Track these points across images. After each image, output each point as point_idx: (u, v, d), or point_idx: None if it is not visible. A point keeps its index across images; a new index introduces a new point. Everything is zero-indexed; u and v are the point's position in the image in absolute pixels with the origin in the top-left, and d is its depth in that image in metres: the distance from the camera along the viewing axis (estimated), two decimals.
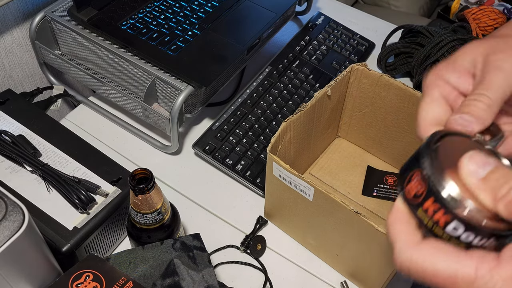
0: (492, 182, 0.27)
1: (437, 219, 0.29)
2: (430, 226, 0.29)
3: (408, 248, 0.30)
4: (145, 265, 0.54)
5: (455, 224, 0.28)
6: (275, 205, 0.70)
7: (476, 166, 0.28)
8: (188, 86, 0.70)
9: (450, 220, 0.28)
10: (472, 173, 0.28)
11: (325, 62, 0.92)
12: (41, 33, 0.79)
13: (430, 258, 0.29)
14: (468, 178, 0.28)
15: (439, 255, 0.28)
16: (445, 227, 0.29)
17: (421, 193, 0.29)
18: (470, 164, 0.28)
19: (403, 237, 0.30)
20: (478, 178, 0.28)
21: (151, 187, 0.53)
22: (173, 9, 0.81)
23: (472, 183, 0.28)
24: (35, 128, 0.69)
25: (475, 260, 0.28)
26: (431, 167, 0.29)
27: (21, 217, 0.46)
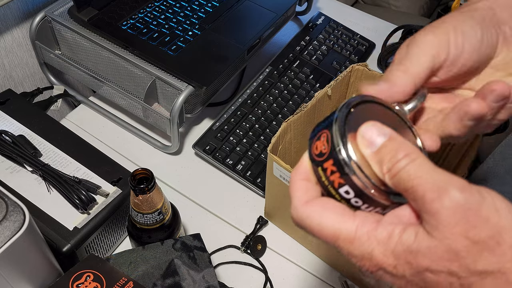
0: (382, 154, 0.29)
1: (332, 180, 0.30)
2: (326, 185, 0.31)
3: (300, 205, 0.31)
4: (146, 265, 0.54)
5: (347, 188, 0.30)
6: (275, 205, 0.70)
7: (370, 138, 0.29)
8: (188, 86, 0.70)
9: (343, 183, 0.30)
10: (366, 144, 0.29)
11: (325, 62, 0.92)
12: (41, 33, 0.79)
13: (316, 215, 0.30)
14: (362, 148, 0.29)
15: (325, 213, 0.30)
16: (338, 188, 0.30)
17: (324, 152, 0.30)
18: (365, 135, 0.29)
19: (299, 194, 0.31)
20: (372, 150, 0.29)
21: (151, 187, 0.53)
22: (173, 9, 0.81)
23: (365, 153, 0.29)
24: (35, 128, 0.69)
25: (357, 221, 0.29)
26: (338, 129, 0.30)
27: (21, 217, 0.46)
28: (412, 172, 0.27)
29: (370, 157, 0.29)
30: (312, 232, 0.30)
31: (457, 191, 0.26)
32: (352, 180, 0.29)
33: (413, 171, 0.27)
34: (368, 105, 0.33)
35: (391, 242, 0.28)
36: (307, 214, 0.30)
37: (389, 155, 0.28)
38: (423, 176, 0.27)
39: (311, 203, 0.31)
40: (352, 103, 0.32)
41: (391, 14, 1.54)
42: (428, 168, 0.28)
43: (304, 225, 0.31)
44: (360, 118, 0.31)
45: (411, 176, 0.27)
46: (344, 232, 0.29)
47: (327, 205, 0.30)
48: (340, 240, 0.29)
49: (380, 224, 0.29)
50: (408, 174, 0.27)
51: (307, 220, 0.30)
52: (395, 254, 0.28)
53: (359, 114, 0.31)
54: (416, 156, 0.28)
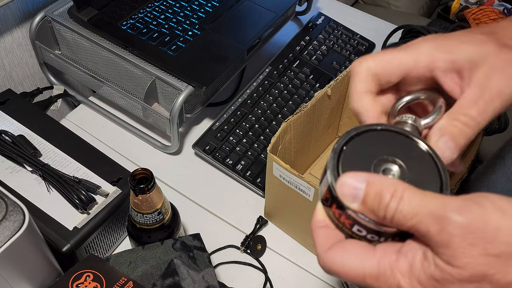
0: (369, 205, 0.28)
1: (343, 222, 0.30)
2: (341, 227, 0.31)
3: (323, 252, 0.31)
4: (146, 265, 0.54)
5: (358, 227, 0.30)
6: (275, 205, 0.70)
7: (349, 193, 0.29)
8: (188, 86, 0.70)
9: (352, 223, 0.30)
10: (350, 200, 0.29)
11: (325, 62, 0.92)
12: (41, 33, 0.79)
13: (339, 260, 0.30)
14: (349, 205, 0.29)
15: (346, 255, 0.30)
16: (351, 228, 0.30)
17: (328, 197, 0.31)
18: (343, 192, 0.29)
19: (320, 242, 0.31)
20: (358, 203, 0.29)
21: (151, 187, 0.53)
22: (173, 9, 0.81)
23: (354, 208, 0.29)
24: (35, 128, 0.69)
25: (378, 255, 0.29)
26: (332, 173, 0.30)
27: (21, 217, 0.46)
28: (405, 212, 0.27)
29: (360, 210, 0.29)
30: (340, 276, 0.30)
31: (456, 214, 0.26)
32: (357, 220, 0.29)
33: (406, 211, 0.27)
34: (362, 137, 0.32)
35: (415, 272, 0.27)
36: (331, 260, 0.30)
37: (376, 202, 0.28)
38: (419, 212, 0.27)
39: (333, 248, 0.30)
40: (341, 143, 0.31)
41: (391, 14, 1.54)
42: (419, 200, 0.27)
43: (331, 271, 0.30)
44: (354, 154, 0.31)
45: (407, 217, 0.27)
46: (368, 270, 0.29)
47: (347, 247, 0.30)
48: (367, 278, 0.29)
49: (401, 255, 0.28)
50: (403, 216, 0.27)
51: (332, 266, 0.30)
52: (422, 284, 0.27)
53: (354, 150, 0.31)
54: (402, 192, 0.27)
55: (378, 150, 0.31)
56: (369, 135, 0.32)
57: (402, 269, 0.28)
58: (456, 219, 0.26)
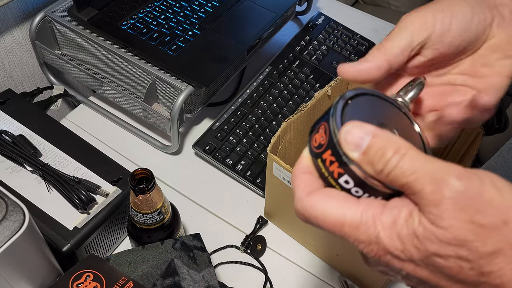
0: (371, 156, 0.28)
1: (332, 170, 0.30)
2: (326, 176, 0.31)
3: (304, 196, 0.30)
4: (146, 265, 0.54)
5: (346, 178, 0.29)
6: (275, 205, 0.70)
7: (352, 140, 0.29)
8: (188, 86, 0.70)
9: (342, 173, 0.29)
10: (351, 148, 0.29)
11: (325, 62, 0.92)
12: (41, 33, 0.79)
13: (320, 205, 0.30)
14: (349, 153, 0.29)
15: (329, 202, 0.29)
16: (338, 179, 0.30)
17: (323, 144, 0.30)
18: (347, 138, 0.29)
19: (302, 186, 0.31)
20: (359, 152, 0.28)
21: (151, 187, 0.53)
22: (173, 9, 0.81)
23: (354, 157, 0.29)
24: (35, 128, 0.69)
25: (362, 206, 0.29)
26: (335, 119, 0.30)
27: (21, 217, 0.46)
28: (405, 168, 0.27)
29: (359, 160, 0.29)
30: (317, 222, 0.30)
31: (455, 179, 0.26)
32: (350, 169, 0.29)
33: (406, 167, 0.27)
34: (365, 97, 0.32)
35: (397, 226, 0.27)
36: (311, 204, 0.30)
37: (378, 155, 0.28)
38: (418, 170, 0.27)
39: (314, 193, 0.30)
40: (348, 96, 0.31)
41: (391, 14, 1.54)
42: (422, 160, 0.27)
43: (308, 216, 0.30)
44: (357, 110, 0.31)
45: (405, 173, 0.27)
46: (349, 219, 0.28)
47: (330, 194, 0.30)
48: (346, 226, 0.29)
49: (386, 208, 0.28)
50: (402, 171, 0.27)
51: (311, 210, 0.30)
52: (401, 238, 0.27)
53: (357, 106, 0.31)
54: (406, 149, 0.28)
55: (378, 115, 0.32)
56: (372, 99, 0.33)
57: (385, 222, 0.28)
58: (454, 183, 0.26)
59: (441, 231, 0.26)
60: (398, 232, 0.27)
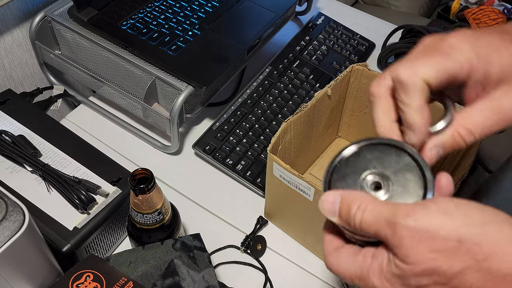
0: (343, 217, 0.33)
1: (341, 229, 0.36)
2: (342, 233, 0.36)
3: (327, 255, 0.36)
4: (146, 265, 0.54)
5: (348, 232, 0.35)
6: (275, 205, 0.70)
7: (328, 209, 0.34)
8: (188, 86, 0.70)
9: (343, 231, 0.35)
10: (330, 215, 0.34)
11: (325, 62, 0.92)
12: (41, 33, 0.79)
13: (336, 263, 0.35)
14: (330, 218, 0.34)
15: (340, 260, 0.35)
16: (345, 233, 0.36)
17: None
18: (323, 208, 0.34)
19: (325, 246, 0.37)
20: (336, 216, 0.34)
21: (151, 187, 0.53)
22: (173, 9, 0.81)
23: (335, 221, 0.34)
24: (35, 128, 0.69)
25: (360, 260, 0.34)
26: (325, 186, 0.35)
27: (21, 217, 0.46)
28: (368, 220, 0.32)
29: (339, 222, 0.34)
30: (339, 276, 0.36)
31: (403, 218, 0.30)
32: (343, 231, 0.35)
33: (369, 220, 0.32)
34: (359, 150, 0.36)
35: (383, 272, 0.32)
36: (330, 263, 0.36)
37: (346, 215, 0.33)
38: (378, 220, 0.31)
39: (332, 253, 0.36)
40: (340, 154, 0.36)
41: (391, 14, 1.54)
42: (378, 209, 0.32)
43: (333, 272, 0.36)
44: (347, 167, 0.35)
45: (369, 224, 0.32)
46: (353, 272, 0.34)
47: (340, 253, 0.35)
48: (354, 278, 0.34)
49: (374, 259, 0.33)
50: (367, 224, 0.32)
51: (332, 268, 0.36)
52: (389, 281, 0.32)
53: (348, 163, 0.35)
54: (365, 204, 0.32)
55: (369, 163, 0.35)
56: (362, 149, 0.36)
57: (375, 271, 0.33)
58: (402, 222, 0.30)
59: (411, 267, 0.30)
60: (385, 277, 0.32)
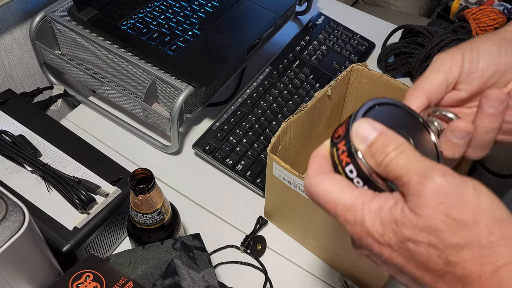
0: (374, 149, 0.32)
1: (342, 159, 0.34)
2: (337, 164, 0.35)
3: (312, 175, 0.35)
4: (145, 265, 0.54)
5: (351, 167, 0.33)
6: (275, 205, 0.70)
7: (362, 134, 0.33)
8: (188, 86, 0.71)
9: (349, 162, 0.33)
10: (360, 140, 0.33)
11: (325, 62, 0.92)
12: (41, 33, 0.79)
13: (323, 185, 0.34)
14: (357, 144, 0.33)
15: (331, 184, 0.33)
16: (345, 167, 0.34)
17: (341, 135, 0.34)
18: (358, 131, 0.33)
19: (313, 167, 0.35)
20: (365, 144, 0.32)
21: (151, 187, 0.53)
22: (173, 9, 0.81)
23: (360, 148, 0.33)
24: (35, 128, 0.69)
25: (357, 192, 0.32)
26: (355, 119, 0.34)
27: (21, 217, 0.46)
28: (400, 162, 0.31)
29: (364, 152, 0.32)
30: (318, 199, 0.34)
31: (439, 176, 0.29)
32: (356, 160, 0.33)
33: (401, 162, 0.31)
34: (392, 108, 0.36)
35: (381, 212, 0.31)
36: (317, 182, 0.34)
37: (380, 149, 0.32)
38: (409, 165, 0.30)
39: (322, 174, 0.34)
40: (377, 102, 0.35)
41: (391, 14, 1.54)
42: (416, 158, 0.31)
43: (312, 192, 0.34)
44: (381, 114, 0.35)
45: (399, 166, 0.31)
46: (343, 200, 0.32)
47: (335, 178, 0.34)
48: (339, 207, 0.32)
49: (376, 197, 0.32)
50: (396, 165, 0.31)
51: (315, 188, 0.34)
52: (382, 223, 0.30)
53: (382, 112, 0.35)
54: (404, 148, 0.31)
55: (399, 123, 0.35)
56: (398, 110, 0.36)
57: (372, 208, 0.31)
58: (437, 179, 0.29)
59: (416, 218, 0.29)
60: (381, 217, 0.31)
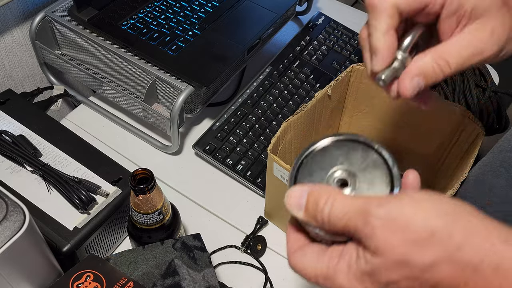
0: (310, 211, 0.32)
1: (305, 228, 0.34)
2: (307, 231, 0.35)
3: (291, 254, 0.35)
4: (146, 265, 0.54)
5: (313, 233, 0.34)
6: (275, 205, 0.70)
7: (294, 203, 0.32)
8: (188, 86, 0.70)
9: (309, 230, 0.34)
10: (296, 209, 0.32)
11: (325, 62, 0.92)
12: (41, 33, 0.79)
13: (300, 262, 0.33)
14: (295, 213, 0.33)
15: (306, 259, 0.33)
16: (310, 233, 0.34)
17: None
18: (289, 203, 0.33)
19: (289, 244, 0.35)
20: (302, 211, 0.32)
21: (151, 187, 0.53)
22: (173, 9, 0.81)
23: (300, 216, 0.32)
24: (35, 128, 0.69)
25: (326, 259, 0.32)
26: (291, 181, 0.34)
27: (21, 218, 0.46)
28: (337, 213, 0.30)
29: (304, 217, 0.32)
30: (302, 275, 0.34)
31: (376, 207, 0.29)
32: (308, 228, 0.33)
33: (338, 212, 0.30)
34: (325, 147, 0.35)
35: (351, 270, 0.30)
36: (294, 262, 0.34)
37: (313, 208, 0.31)
38: (348, 211, 0.30)
39: (297, 251, 0.34)
40: (302, 154, 0.35)
41: None
42: (349, 201, 0.30)
43: (295, 270, 0.34)
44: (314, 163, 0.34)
45: (338, 217, 0.30)
46: (319, 271, 0.32)
47: (306, 251, 0.34)
48: (320, 278, 0.32)
49: (341, 257, 0.31)
50: (336, 217, 0.30)
51: (295, 265, 0.34)
52: (359, 280, 0.30)
53: (314, 159, 0.34)
54: (333, 197, 0.31)
55: (336, 159, 0.34)
56: (329, 146, 0.35)
57: (342, 270, 0.31)
58: (376, 211, 0.29)
59: (382, 259, 0.28)
60: (354, 275, 0.30)
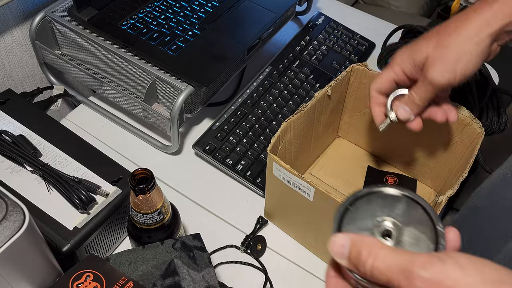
0: (352, 261, 0.33)
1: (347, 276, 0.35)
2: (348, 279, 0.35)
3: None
4: (146, 265, 0.54)
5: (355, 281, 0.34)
6: (275, 205, 0.70)
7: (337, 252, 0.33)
8: (188, 86, 0.71)
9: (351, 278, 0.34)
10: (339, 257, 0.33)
11: (325, 62, 0.92)
12: (41, 33, 0.79)
13: None
14: (339, 261, 0.34)
15: None
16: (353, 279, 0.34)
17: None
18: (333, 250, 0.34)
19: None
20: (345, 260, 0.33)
21: (151, 187, 0.53)
22: (173, 9, 0.81)
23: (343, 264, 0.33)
24: (35, 128, 0.69)
25: None
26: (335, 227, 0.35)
27: (21, 217, 0.46)
28: (381, 268, 0.31)
29: (348, 265, 0.33)
30: None
31: (420, 269, 0.29)
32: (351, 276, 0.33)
33: (381, 268, 0.31)
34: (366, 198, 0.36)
35: None
36: None
37: (356, 260, 0.32)
38: (391, 267, 0.31)
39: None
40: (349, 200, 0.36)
41: (391, 14, 1.54)
42: (391, 256, 0.31)
43: None
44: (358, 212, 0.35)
45: (381, 272, 0.31)
46: None
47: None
48: None
49: None
50: (379, 271, 0.31)
51: None
52: None
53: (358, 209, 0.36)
54: (376, 251, 0.32)
55: (381, 210, 0.35)
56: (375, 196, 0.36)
57: None
58: (420, 273, 0.29)
59: None
60: None
